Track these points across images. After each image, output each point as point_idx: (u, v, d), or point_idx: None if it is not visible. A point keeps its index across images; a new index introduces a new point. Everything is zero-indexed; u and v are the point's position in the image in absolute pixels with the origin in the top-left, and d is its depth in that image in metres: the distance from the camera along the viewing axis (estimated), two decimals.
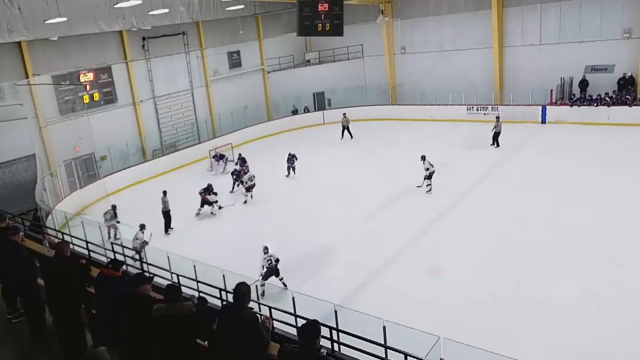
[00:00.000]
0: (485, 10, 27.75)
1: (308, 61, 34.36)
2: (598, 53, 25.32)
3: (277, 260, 12.19)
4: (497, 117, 23.41)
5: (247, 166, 20.76)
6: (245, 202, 19.07)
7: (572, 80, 26.07)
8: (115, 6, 18.31)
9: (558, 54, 26.31)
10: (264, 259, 12.17)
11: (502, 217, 15.16)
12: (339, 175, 20.74)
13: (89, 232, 12.89)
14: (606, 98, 24.32)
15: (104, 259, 10.22)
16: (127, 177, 22.61)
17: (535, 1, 26.51)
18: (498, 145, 22.78)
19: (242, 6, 27.77)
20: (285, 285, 12.18)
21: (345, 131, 26.59)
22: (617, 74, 24.82)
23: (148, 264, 10.99)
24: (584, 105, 24.76)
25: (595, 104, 24.40)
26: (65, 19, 18.96)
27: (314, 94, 32.87)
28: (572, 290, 11.01)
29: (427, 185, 17.85)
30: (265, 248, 12.24)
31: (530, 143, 22.70)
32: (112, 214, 16.46)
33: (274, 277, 12.15)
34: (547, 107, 25.61)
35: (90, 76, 23.19)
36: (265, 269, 12.15)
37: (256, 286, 10.41)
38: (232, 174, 20.85)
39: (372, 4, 30.15)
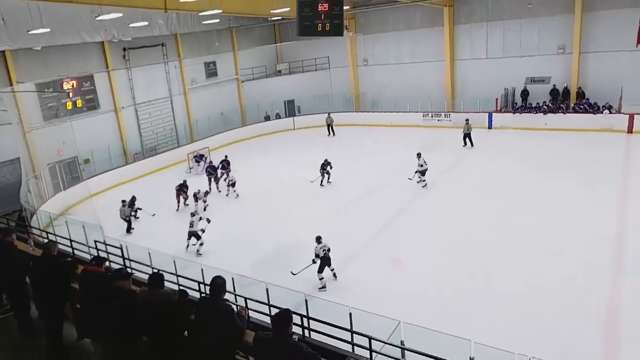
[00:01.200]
0: (439, 27, 28.23)
1: (279, 71, 34.26)
2: (536, 66, 26.08)
3: (329, 250, 11.71)
4: (467, 120, 23.41)
5: (229, 169, 20.44)
6: (237, 196, 19.03)
7: (514, 90, 26.78)
8: (97, 18, 17.80)
9: (502, 67, 26.93)
10: (319, 247, 11.52)
11: (456, 214, 15.32)
12: (309, 176, 20.71)
13: (72, 231, 12.50)
14: (544, 106, 25.13)
15: (88, 256, 9.93)
16: (110, 179, 22.03)
17: (482, 20, 27.13)
18: (472, 145, 23.07)
19: (218, 20, 27.42)
20: (335, 276, 11.91)
21: (330, 129, 27.88)
22: (554, 85, 25.62)
23: (130, 260, 10.70)
24: (524, 112, 25.49)
25: (534, 112, 25.18)
26: (48, 29, 18.22)
27: (284, 102, 32.76)
28: (517, 280, 11.21)
29: (422, 181, 18.09)
30: (319, 238, 11.64)
31: (479, 146, 23.10)
32: (129, 204, 16.66)
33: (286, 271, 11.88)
34: (493, 114, 26.12)
35: (73, 84, 22.47)
36: (319, 259, 11.54)
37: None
38: (206, 170, 20.75)
39: None
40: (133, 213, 17.04)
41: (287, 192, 19.25)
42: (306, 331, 7.14)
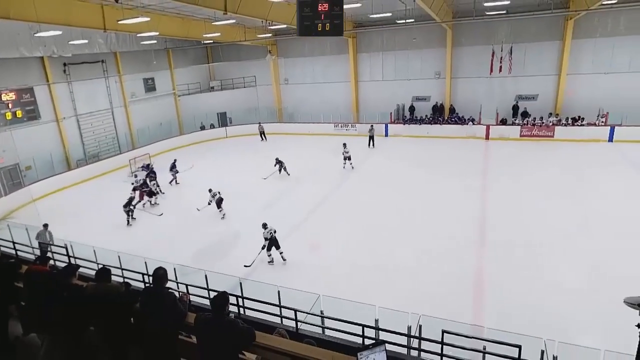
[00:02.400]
0: (345, 54, 28.94)
1: (212, 87, 33.05)
2: (420, 87, 27.61)
3: (275, 232, 11.60)
4: (372, 125, 24.70)
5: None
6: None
7: (404, 106, 28.04)
8: (35, 35, 15.88)
9: (394, 87, 28.15)
10: (266, 231, 11.51)
11: (361, 205, 15.70)
12: (241, 176, 20.27)
13: (16, 235, 11.08)
14: (426, 119, 26.76)
15: (32, 257, 8.87)
16: (53, 184, 19.79)
17: (379, 49, 28.22)
18: (374, 146, 24.08)
19: (155, 41, 25.81)
20: (284, 259, 11.68)
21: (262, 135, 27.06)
22: (437, 102, 27.31)
23: (75, 257, 9.71)
24: (412, 124, 26.79)
25: (419, 123, 26.60)
26: None
27: (217, 114, 31.68)
28: (410, 254, 11.80)
29: (350, 164, 20.05)
30: (264, 224, 11.64)
31: (378, 150, 23.99)
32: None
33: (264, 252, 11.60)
34: (388, 124, 27.15)
35: (12, 95, 19.92)
36: (267, 241, 11.50)
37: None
38: (149, 175, 19.02)
39: (262, 45, 29.92)
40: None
41: (221, 190, 18.64)
42: (241, 309, 6.99)
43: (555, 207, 14.23)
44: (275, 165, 19.73)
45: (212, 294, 6.77)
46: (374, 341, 4.34)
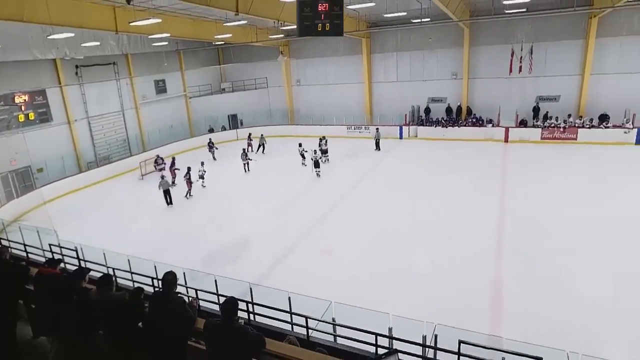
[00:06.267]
0: (358, 55, 28.95)
1: (223, 89, 33.43)
2: (436, 88, 27.43)
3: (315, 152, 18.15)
4: (377, 129, 24.86)
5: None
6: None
7: (419, 108, 27.86)
8: (48, 37, 16.28)
9: (409, 89, 28.04)
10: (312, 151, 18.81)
11: (375, 209, 15.64)
12: (252, 180, 20.41)
13: (27, 237, 11.30)
14: (442, 121, 26.57)
15: (42, 259, 9.05)
16: (64, 186, 20.21)
17: (393, 50, 28.18)
18: (379, 149, 24.16)
19: (166, 43, 26.24)
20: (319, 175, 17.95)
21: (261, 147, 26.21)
22: (448, 103, 27.10)
23: (85, 261, 9.87)
24: (427, 126, 26.68)
25: (434, 125, 26.48)
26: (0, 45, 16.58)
27: (228, 116, 32.00)
28: (425, 261, 11.66)
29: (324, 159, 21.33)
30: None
31: (392, 153, 23.91)
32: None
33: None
34: (402, 127, 27.07)
35: (26, 98, 20.45)
36: (313, 160, 18.59)
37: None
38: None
39: (274, 46, 30.13)
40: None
41: (232, 193, 18.81)
42: (251, 315, 7.00)
43: (577, 213, 13.93)
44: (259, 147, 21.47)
45: (222, 299, 6.80)
46: (387, 350, 4.30)
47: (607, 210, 14.02)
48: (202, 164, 19.80)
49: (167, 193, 17.68)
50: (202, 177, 19.43)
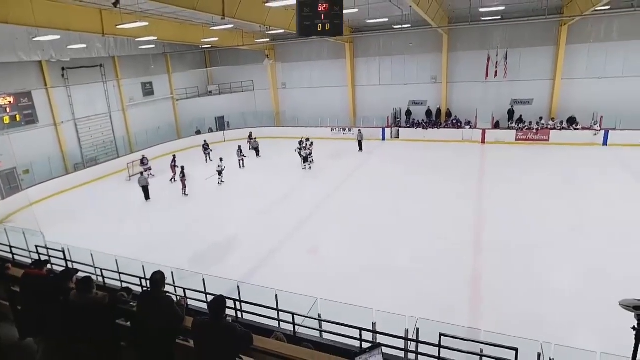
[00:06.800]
0: (342, 59, 29.05)
1: (210, 92, 33.09)
2: (416, 92, 27.70)
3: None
4: (359, 130, 25.25)
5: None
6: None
7: (401, 110, 28.12)
8: (33, 39, 15.84)
9: (391, 92, 28.26)
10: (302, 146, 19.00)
11: (359, 208, 15.71)
12: (238, 179, 20.27)
13: (12, 238, 10.98)
14: (422, 123, 26.85)
15: (29, 261, 8.79)
16: (51, 187, 19.70)
17: (375, 54, 28.34)
18: (362, 150, 24.42)
19: (153, 46, 25.85)
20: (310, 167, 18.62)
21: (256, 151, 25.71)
22: (428, 106, 27.42)
23: (72, 262, 9.63)
24: (408, 128, 26.99)
25: (415, 127, 26.76)
26: None
27: (215, 118, 31.67)
28: (406, 257, 11.78)
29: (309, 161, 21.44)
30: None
31: (375, 154, 24.08)
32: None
33: None
34: (385, 128, 27.29)
35: (11, 99, 19.86)
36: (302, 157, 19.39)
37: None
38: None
39: (260, 50, 30.01)
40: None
41: (219, 193, 18.65)
42: (239, 313, 6.96)
43: (551, 210, 14.28)
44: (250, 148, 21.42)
45: (210, 298, 6.74)
46: (371, 344, 4.33)
47: (580, 207, 14.40)
48: (221, 159, 19.88)
49: (145, 189, 18.03)
50: (220, 172, 19.56)
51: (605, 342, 6.28)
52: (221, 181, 19.64)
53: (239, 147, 22.79)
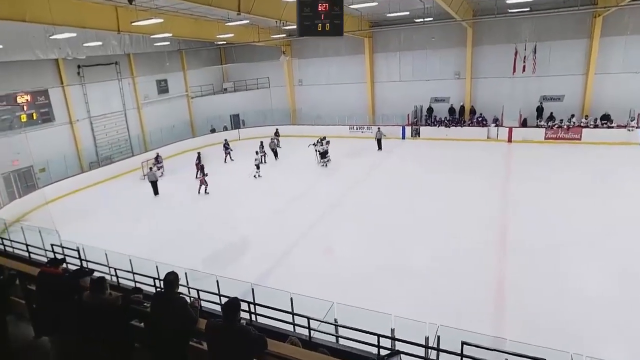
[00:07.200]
0: (361, 54, 28.92)
1: (225, 89, 33.45)
2: (438, 88, 27.34)
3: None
4: (379, 128, 25.11)
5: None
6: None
7: (422, 108, 27.78)
8: (50, 37, 16.34)
9: (412, 88, 27.94)
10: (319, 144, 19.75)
11: (376, 209, 15.61)
12: (252, 178, 20.41)
13: (28, 237, 11.35)
14: (445, 120, 26.50)
15: (44, 259, 9.07)
16: (66, 186, 20.29)
17: (396, 49, 28.13)
18: (381, 149, 24.24)
19: (168, 43, 26.29)
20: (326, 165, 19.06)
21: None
22: (451, 103, 27.06)
23: (87, 261, 9.88)
24: (430, 126, 26.61)
25: (437, 125, 26.42)
26: (1, 46, 16.61)
27: (230, 116, 32.00)
28: (427, 259, 11.67)
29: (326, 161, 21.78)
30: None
31: (394, 153, 23.89)
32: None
33: None
34: (405, 127, 27.05)
35: (28, 98, 20.52)
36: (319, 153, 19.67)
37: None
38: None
39: (276, 46, 30.15)
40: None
41: (235, 193, 18.82)
42: (253, 316, 6.99)
43: (580, 211, 13.90)
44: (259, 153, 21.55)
45: (224, 300, 6.80)
46: (389, 351, 4.29)
47: (612, 208, 13.98)
48: (257, 152, 20.75)
49: (154, 184, 18.71)
50: (257, 166, 20.24)
51: (636, 349, 6.05)
52: (258, 175, 20.10)
53: (261, 142, 22.93)
